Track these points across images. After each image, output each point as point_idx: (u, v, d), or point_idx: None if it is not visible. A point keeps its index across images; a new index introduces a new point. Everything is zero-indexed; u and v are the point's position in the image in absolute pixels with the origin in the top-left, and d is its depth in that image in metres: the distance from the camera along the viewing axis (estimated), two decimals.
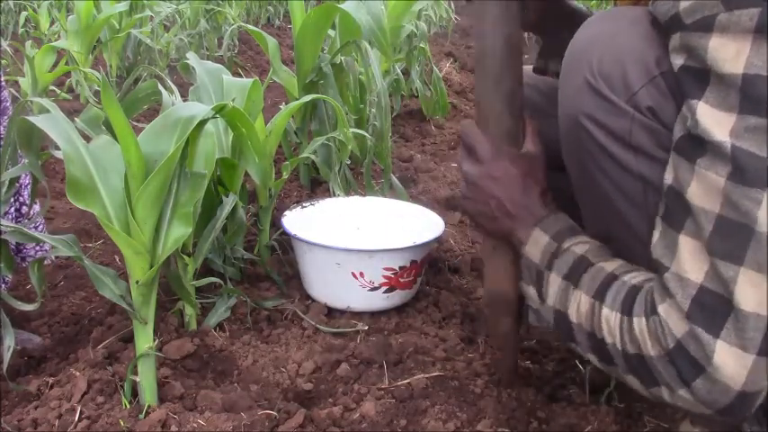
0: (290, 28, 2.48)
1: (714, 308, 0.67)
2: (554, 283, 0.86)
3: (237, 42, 4.07)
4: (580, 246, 0.86)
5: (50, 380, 1.11)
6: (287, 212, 1.50)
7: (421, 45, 2.81)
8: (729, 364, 0.66)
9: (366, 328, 1.34)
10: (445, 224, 1.52)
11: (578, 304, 0.82)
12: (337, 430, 1.03)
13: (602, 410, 1.11)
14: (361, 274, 1.34)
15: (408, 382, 1.16)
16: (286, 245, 1.56)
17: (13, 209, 1.31)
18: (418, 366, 1.21)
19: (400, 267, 1.36)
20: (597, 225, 0.93)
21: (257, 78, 1.40)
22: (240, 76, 2.62)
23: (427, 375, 1.18)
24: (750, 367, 0.66)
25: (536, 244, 0.89)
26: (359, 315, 1.39)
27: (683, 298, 0.69)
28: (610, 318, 0.77)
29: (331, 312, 1.40)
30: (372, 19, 2.23)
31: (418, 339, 1.30)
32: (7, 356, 1.01)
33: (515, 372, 1.04)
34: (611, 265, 0.82)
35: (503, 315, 1.02)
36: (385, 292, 1.37)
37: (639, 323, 0.74)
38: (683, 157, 0.70)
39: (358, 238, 1.57)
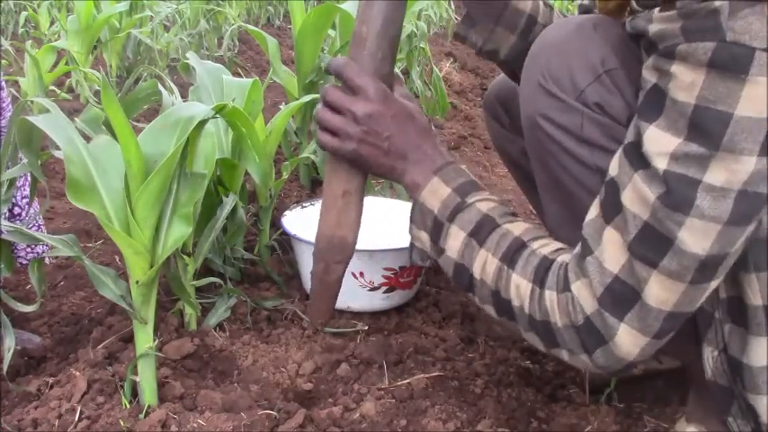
0: (290, 28, 2.48)
1: (623, 296, 0.75)
2: (456, 237, 0.87)
3: (237, 42, 4.07)
4: (484, 203, 0.88)
5: (50, 380, 1.10)
6: (287, 212, 1.50)
7: (421, 45, 2.81)
8: (627, 343, 0.76)
9: (366, 328, 1.34)
10: None
11: (484, 263, 0.85)
12: (337, 430, 1.03)
13: (602, 410, 1.12)
14: (361, 274, 1.34)
15: (408, 382, 1.16)
16: (286, 245, 1.56)
17: (5, 208, 1.31)
18: (418, 366, 1.21)
19: (400, 267, 1.36)
20: (562, 222, 0.95)
21: (257, 78, 1.40)
22: (240, 76, 2.62)
23: (427, 375, 1.18)
24: (643, 346, 0.77)
25: (435, 193, 0.89)
26: (359, 315, 1.39)
27: (599, 284, 0.76)
28: (520, 284, 0.82)
29: None
30: None
31: (418, 339, 1.30)
32: (7, 357, 1.01)
33: (329, 317, 1.02)
34: (518, 229, 0.86)
35: (337, 262, 0.98)
36: (385, 292, 1.37)
37: (551, 296, 0.80)
38: (628, 162, 0.75)
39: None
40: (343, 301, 1.38)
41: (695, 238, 0.70)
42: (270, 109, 2.49)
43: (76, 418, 1.00)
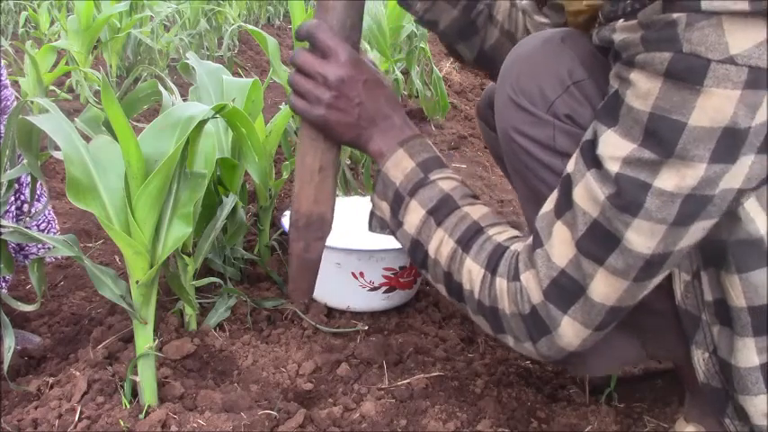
0: (290, 28, 2.48)
1: (569, 290, 0.78)
2: (415, 212, 0.88)
3: (237, 42, 4.07)
4: (446, 182, 0.89)
5: (50, 380, 1.10)
6: (287, 212, 1.50)
7: (421, 45, 2.81)
8: (569, 334, 0.79)
9: (366, 328, 1.34)
10: None
11: (440, 244, 0.87)
12: (337, 430, 1.03)
13: (602, 410, 1.12)
14: (361, 274, 1.34)
15: (408, 382, 1.16)
16: (286, 245, 1.56)
17: (14, 207, 1.31)
18: (418, 366, 1.21)
19: (400, 267, 1.35)
20: None
21: (257, 78, 1.40)
22: (240, 76, 2.62)
23: (427, 375, 1.18)
24: (585, 338, 0.80)
25: (398, 165, 0.89)
26: (359, 315, 1.39)
27: (545, 276, 0.78)
28: (473, 269, 0.84)
29: (331, 312, 1.39)
30: (372, 19, 2.23)
31: (418, 339, 1.30)
32: (7, 357, 1.01)
33: (310, 293, 1.02)
34: (476, 213, 0.87)
35: (316, 239, 0.97)
36: (385, 292, 1.37)
37: (501, 283, 0.82)
38: (582, 160, 0.76)
39: (358, 238, 1.57)
40: (343, 301, 1.38)
41: (642, 238, 0.72)
42: (270, 109, 2.49)
43: (76, 418, 1.00)
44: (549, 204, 0.81)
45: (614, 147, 0.72)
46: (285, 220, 1.45)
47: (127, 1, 3.08)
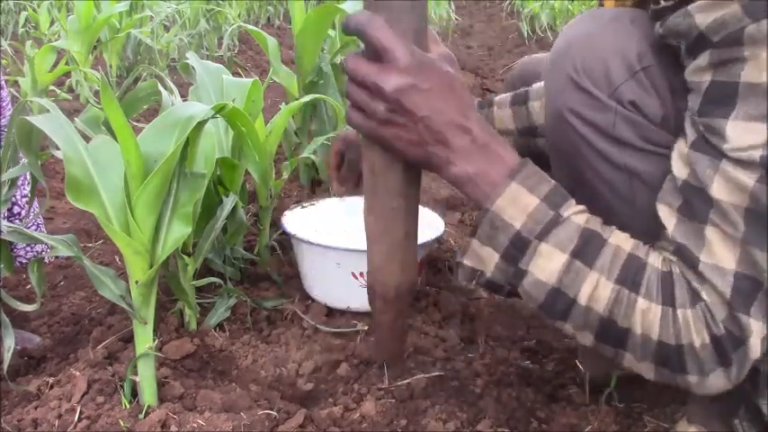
0: (290, 28, 2.48)
1: (748, 290, 0.70)
2: (551, 258, 0.75)
3: (237, 42, 4.07)
4: (580, 216, 0.76)
5: (50, 380, 1.10)
6: (287, 212, 1.50)
7: None
8: (756, 340, 0.71)
9: (366, 328, 1.34)
10: (445, 224, 1.52)
11: (595, 287, 0.74)
12: (337, 430, 1.03)
13: (602, 410, 1.12)
14: (361, 274, 1.34)
15: (408, 382, 1.16)
16: (286, 245, 1.56)
17: (5, 208, 1.31)
18: (418, 366, 1.21)
19: None
20: None
21: (257, 78, 1.40)
22: (240, 76, 2.62)
23: (427, 375, 1.18)
24: (763, 337, 0.71)
25: (516, 203, 0.75)
26: (359, 315, 1.39)
27: (724, 286, 0.71)
28: (648, 310, 0.73)
29: (331, 312, 1.39)
30: None
31: (418, 339, 1.30)
32: (7, 357, 1.01)
33: (402, 357, 0.95)
34: (626, 243, 0.76)
35: (406, 305, 0.90)
36: None
37: (685, 314, 0.72)
38: (707, 158, 0.71)
39: (358, 238, 1.57)
40: (343, 301, 1.38)
41: None
42: (270, 109, 2.49)
43: (76, 418, 1.00)
44: (671, 218, 0.75)
45: (746, 134, 0.68)
46: (285, 220, 1.45)
47: (127, 1, 3.08)
